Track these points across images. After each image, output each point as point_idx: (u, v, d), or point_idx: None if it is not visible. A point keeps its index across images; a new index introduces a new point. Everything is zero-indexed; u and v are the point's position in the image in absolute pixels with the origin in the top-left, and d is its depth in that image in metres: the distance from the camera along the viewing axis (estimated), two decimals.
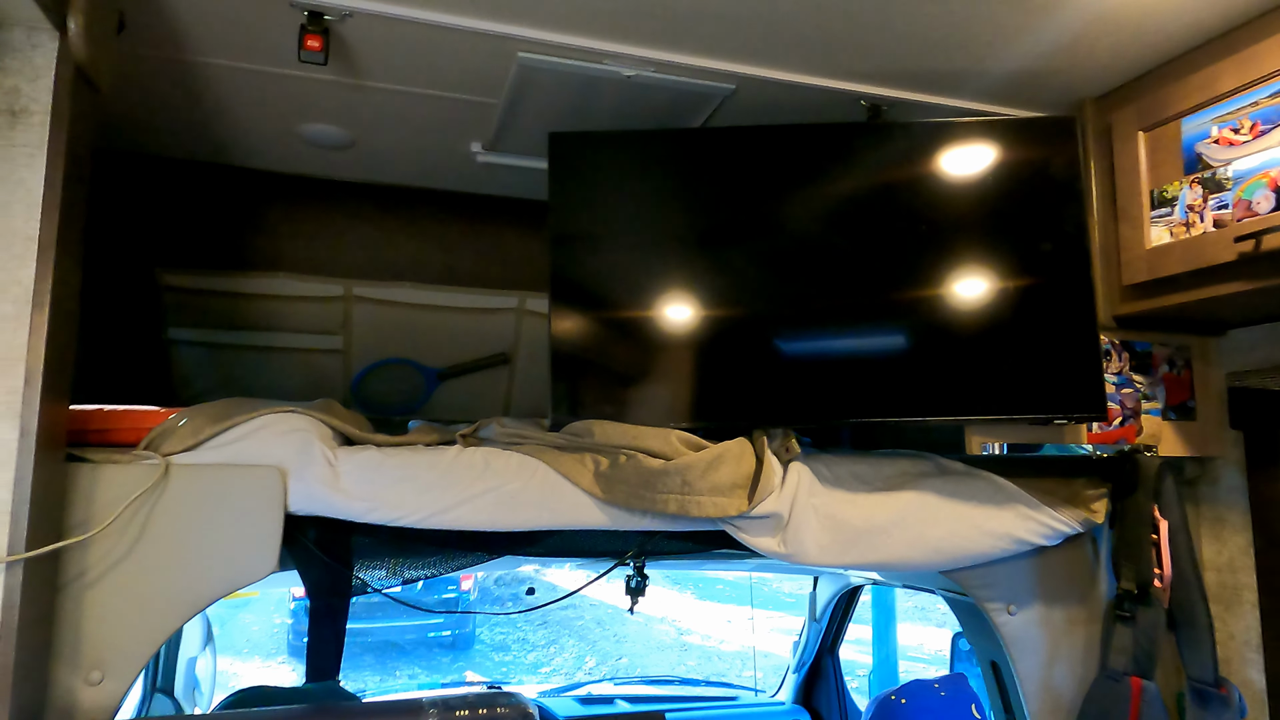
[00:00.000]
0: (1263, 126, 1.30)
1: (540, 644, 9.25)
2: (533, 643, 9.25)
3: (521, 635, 9.47)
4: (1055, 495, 1.55)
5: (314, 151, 1.92)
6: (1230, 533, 1.64)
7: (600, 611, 10.30)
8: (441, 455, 1.33)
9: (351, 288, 2.26)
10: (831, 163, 1.51)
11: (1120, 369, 1.58)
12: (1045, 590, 1.59)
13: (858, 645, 7.49)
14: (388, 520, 1.26)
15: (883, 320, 1.48)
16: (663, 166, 1.55)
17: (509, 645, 9.18)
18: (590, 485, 1.35)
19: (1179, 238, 1.42)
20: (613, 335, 1.48)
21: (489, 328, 2.42)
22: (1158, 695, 1.46)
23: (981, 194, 1.49)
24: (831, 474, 1.46)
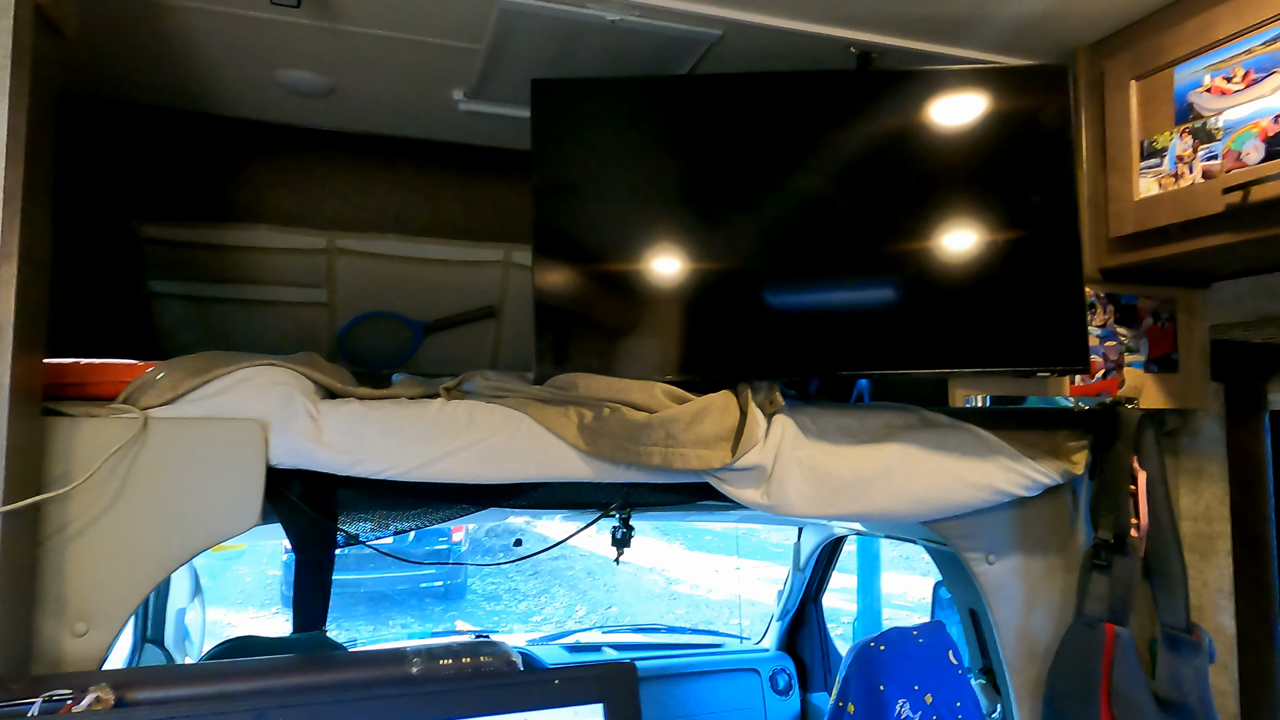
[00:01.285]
0: (1256, 75, 1.28)
1: (531, 594, 9.40)
2: (524, 592, 9.39)
3: (513, 585, 9.62)
4: (1037, 447, 1.56)
5: (293, 99, 1.87)
6: (1208, 483, 1.66)
7: (590, 562, 10.45)
8: (425, 408, 1.33)
9: (334, 240, 2.23)
10: (819, 112, 1.49)
11: (1105, 322, 1.58)
12: (1024, 540, 1.62)
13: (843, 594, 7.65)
14: (371, 473, 1.26)
15: (869, 272, 1.47)
16: (648, 115, 1.52)
17: (500, 595, 9.33)
18: (575, 438, 1.35)
19: (1168, 189, 1.41)
20: (598, 288, 1.47)
21: (475, 281, 2.40)
22: (1131, 641, 1.49)
23: (970, 144, 1.47)
24: (816, 427, 1.47)
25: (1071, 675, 1.53)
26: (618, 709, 0.97)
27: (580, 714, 0.97)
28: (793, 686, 2.55)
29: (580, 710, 0.96)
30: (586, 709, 0.97)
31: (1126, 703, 1.47)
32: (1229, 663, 1.61)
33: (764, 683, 2.51)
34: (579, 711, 0.96)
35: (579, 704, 0.96)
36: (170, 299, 2.27)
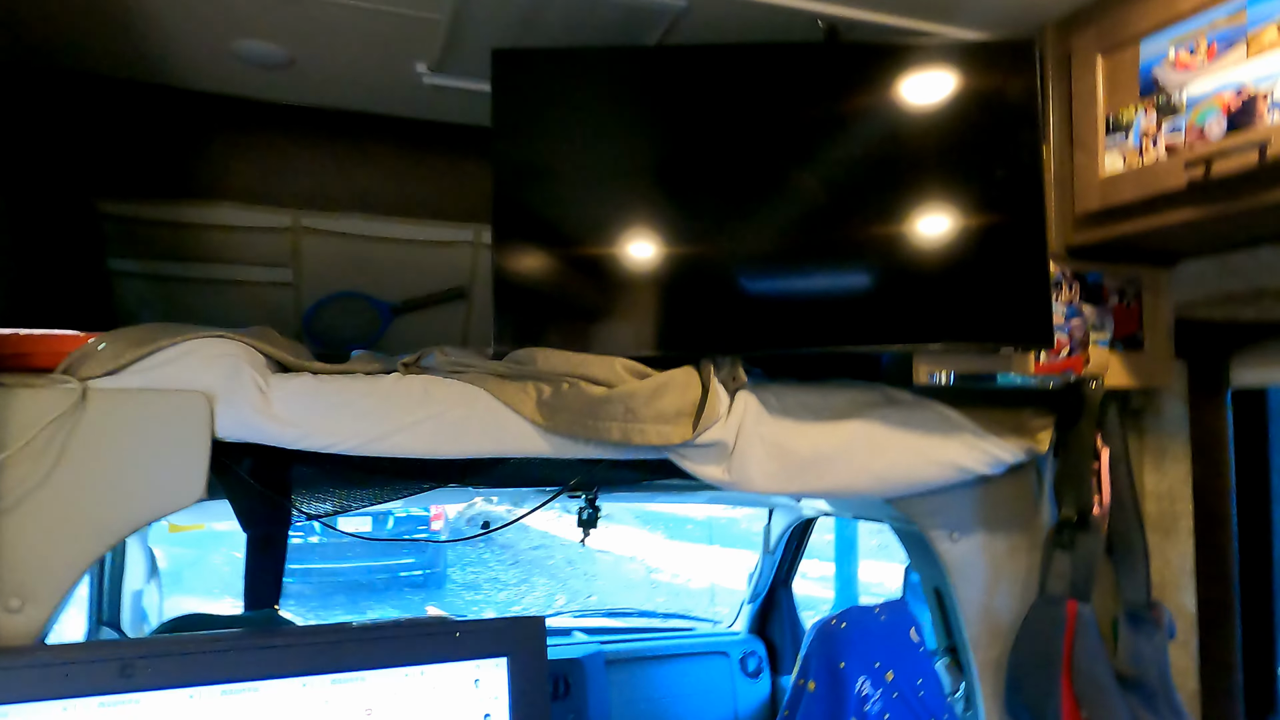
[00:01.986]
0: (1219, 48, 1.27)
1: (511, 583, 9.38)
2: (504, 581, 9.37)
3: (493, 575, 9.60)
4: (1002, 425, 1.56)
5: (252, 71, 1.83)
6: (1171, 462, 1.66)
7: (571, 551, 10.44)
8: (379, 382, 1.30)
9: (300, 218, 2.19)
10: (787, 83, 1.47)
11: (1071, 299, 1.58)
12: (988, 518, 1.62)
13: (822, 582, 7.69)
14: (321, 447, 1.23)
15: (833, 246, 1.46)
16: (613, 87, 1.50)
17: (480, 585, 9.30)
18: (532, 413, 1.33)
19: (1132, 165, 1.40)
20: (559, 264, 1.45)
21: (445, 261, 2.37)
22: (1093, 618, 1.49)
23: (937, 119, 1.46)
24: (779, 403, 1.46)
25: (1033, 653, 1.53)
26: (523, 662, 0.95)
27: (483, 668, 0.95)
28: (763, 669, 2.55)
29: (483, 664, 0.94)
30: (490, 662, 0.95)
31: (1087, 680, 1.47)
32: (1190, 640, 1.61)
33: (734, 666, 2.51)
34: (481, 665, 0.94)
35: (482, 657, 0.94)
36: (131, 278, 2.22)
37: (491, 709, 0.94)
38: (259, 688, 0.93)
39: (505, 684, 0.96)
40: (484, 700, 0.95)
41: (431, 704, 0.94)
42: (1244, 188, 1.23)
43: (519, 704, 0.94)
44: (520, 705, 0.94)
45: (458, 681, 0.95)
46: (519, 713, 0.94)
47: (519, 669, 0.96)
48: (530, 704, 0.93)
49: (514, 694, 0.96)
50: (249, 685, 0.92)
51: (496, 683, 0.96)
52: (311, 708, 0.92)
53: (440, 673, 0.94)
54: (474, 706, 0.95)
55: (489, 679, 0.95)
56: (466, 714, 0.94)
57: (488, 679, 0.95)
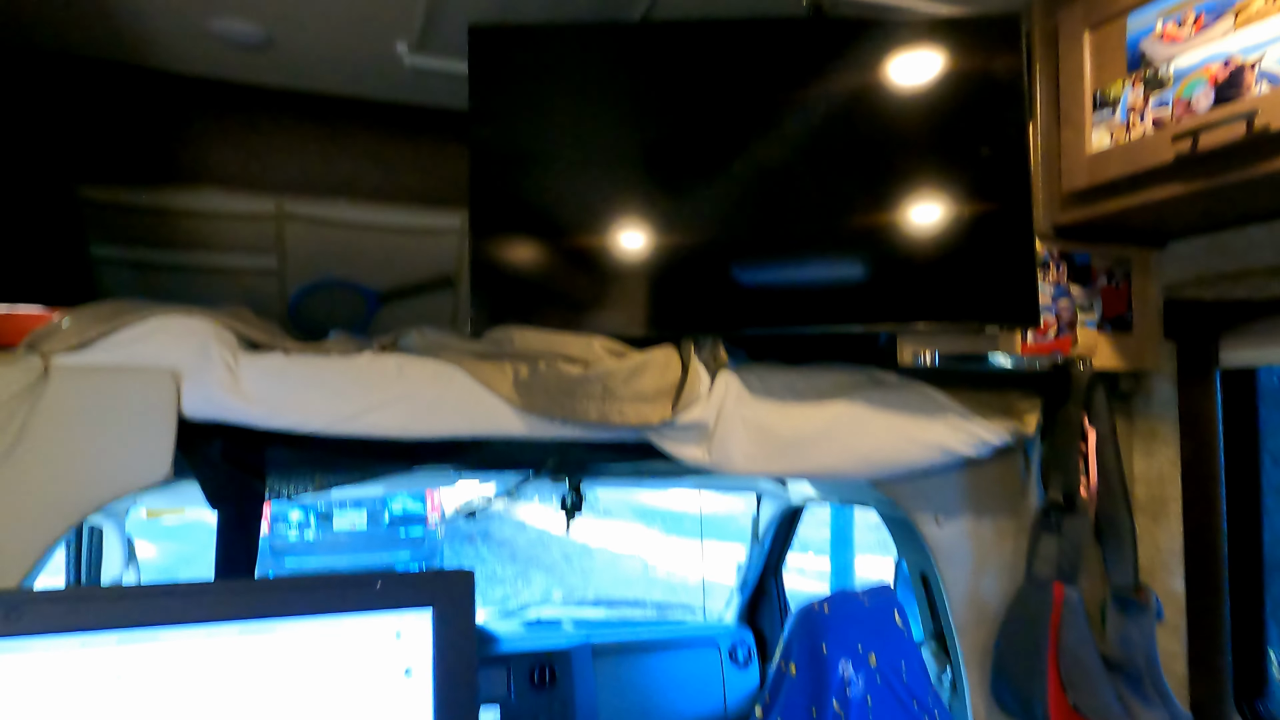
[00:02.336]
0: (1206, 19, 1.25)
1: (508, 578, 9.36)
2: (501, 577, 9.35)
3: (490, 571, 9.58)
4: (988, 407, 1.54)
5: (230, 52, 1.81)
6: (1161, 445, 1.64)
7: (569, 547, 10.42)
8: (352, 361, 1.28)
9: (284, 204, 2.17)
10: (773, 58, 1.45)
11: (1058, 280, 1.56)
12: (974, 502, 1.59)
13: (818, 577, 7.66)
14: (291, 426, 1.21)
15: (819, 225, 1.43)
16: (594, 65, 1.47)
17: (476, 581, 9.28)
18: (509, 393, 1.31)
19: (1119, 141, 1.38)
20: (537, 245, 1.43)
21: (432, 248, 2.35)
22: (1079, 601, 1.47)
23: (923, 96, 1.44)
24: (763, 385, 1.44)
25: (1019, 637, 1.51)
26: (449, 615, 0.93)
27: (406, 619, 0.92)
28: (752, 659, 2.52)
29: (406, 615, 0.92)
30: (413, 614, 0.92)
31: (1074, 663, 1.45)
32: (1178, 624, 1.59)
33: (723, 655, 2.49)
34: (404, 617, 0.92)
35: (405, 608, 0.92)
36: (113, 264, 2.20)
37: (413, 662, 0.92)
38: (159, 636, 0.89)
39: (429, 637, 0.93)
40: (406, 653, 0.93)
41: (348, 656, 0.92)
42: (1231, 160, 1.21)
43: (443, 657, 0.92)
44: (445, 659, 0.92)
45: (378, 633, 0.92)
46: (443, 666, 0.92)
47: (444, 622, 0.93)
48: (456, 658, 0.90)
49: (438, 647, 0.93)
50: (148, 634, 0.89)
51: (420, 635, 0.93)
52: (217, 658, 0.89)
53: (358, 624, 0.91)
54: (395, 659, 0.92)
55: (412, 631, 0.93)
56: (386, 667, 0.92)
57: (410, 631, 0.93)
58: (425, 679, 0.93)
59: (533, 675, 2.18)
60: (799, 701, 1.41)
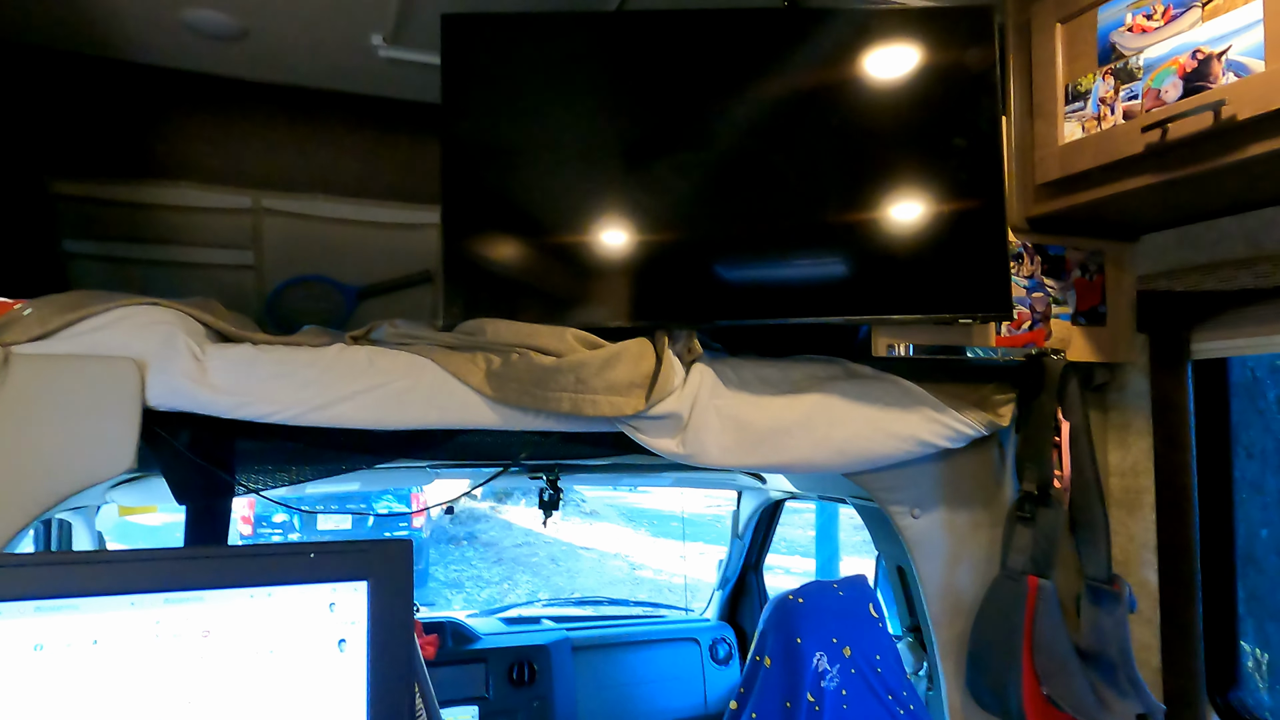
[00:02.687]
0: (1174, 10, 1.26)
1: (494, 580, 9.33)
2: (487, 579, 9.32)
3: (476, 573, 9.54)
4: (963, 399, 1.54)
5: (205, 43, 1.79)
6: (1135, 437, 1.65)
7: (555, 548, 10.40)
8: (322, 352, 1.27)
9: (260, 199, 2.16)
10: (751, 50, 1.44)
11: (1032, 272, 1.56)
12: (950, 494, 1.60)
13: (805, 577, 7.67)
14: (259, 416, 1.20)
15: (794, 217, 1.43)
16: (567, 54, 1.46)
17: (463, 583, 9.24)
18: (480, 384, 1.30)
19: (1090, 132, 1.39)
20: (511, 240, 1.42)
21: (411, 244, 2.33)
22: (1053, 592, 1.48)
23: (899, 87, 1.44)
24: (736, 376, 1.43)
25: (995, 629, 1.51)
26: (385, 586, 0.91)
27: (340, 591, 0.91)
28: (733, 656, 2.52)
29: (340, 587, 0.91)
30: (348, 585, 0.91)
31: (1048, 655, 1.45)
32: (1152, 615, 1.60)
33: (703, 652, 2.48)
34: (338, 588, 0.91)
35: (339, 580, 0.90)
36: (87, 260, 2.17)
37: (348, 634, 0.90)
38: (79, 605, 0.86)
39: (364, 609, 0.92)
40: (339, 625, 0.91)
41: (279, 627, 0.90)
42: (1200, 150, 1.22)
43: (378, 630, 0.90)
44: (380, 631, 0.90)
45: (310, 605, 0.91)
46: (378, 639, 0.90)
47: (380, 593, 0.91)
48: (392, 630, 0.89)
49: (373, 619, 0.91)
50: (67, 603, 0.86)
51: (354, 607, 0.92)
52: (140, 628, 0.87)
53: (290, 595, 0.89)
54: (328, 631, 0.91)
55: (346, 603, 0.91)
56: (319, 638, 0.90)
57: (345, 603, 0.91)
58: (359, 652, 0.91)
59: (511, 672, 2.17)
60: (774, 694, 1.41)
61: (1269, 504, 1.82)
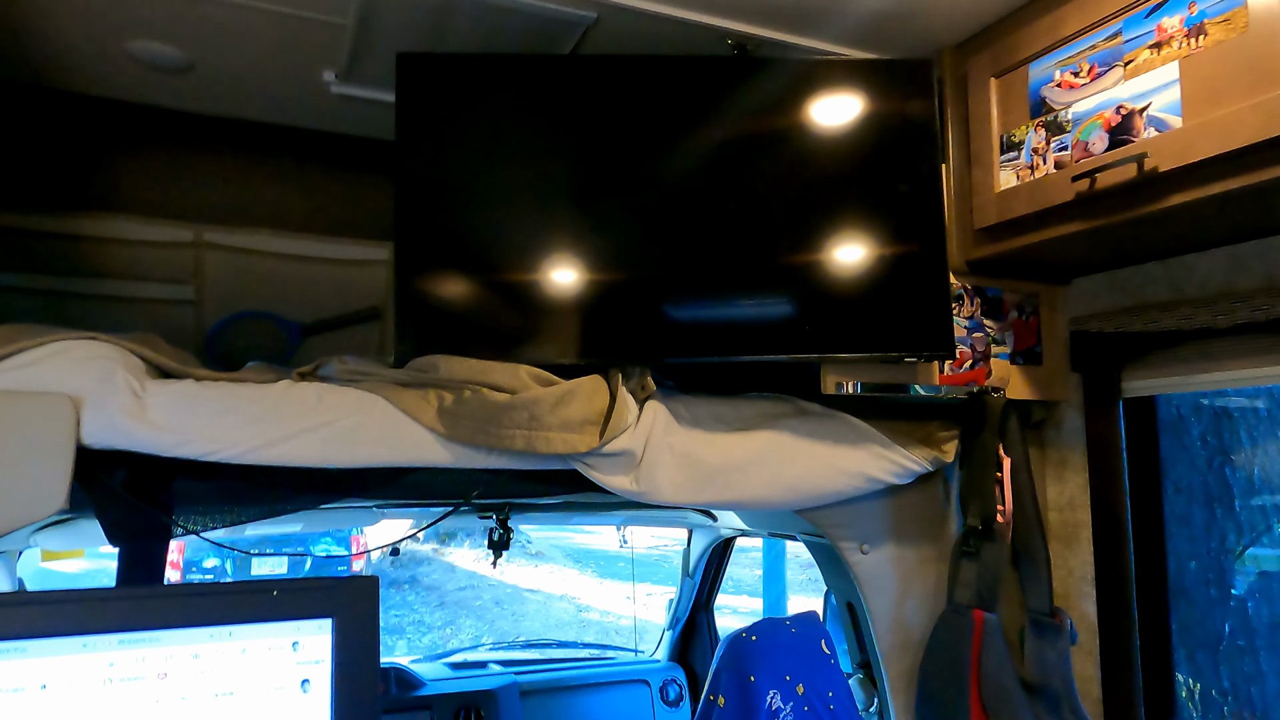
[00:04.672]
0: (1099, 69, 1.33)
1: (437, 625, 9.08)
2: (429, 624, 9.07)
3: (418, 618, 9.28)
4: (909, 436, 1.58)
5: (148, 75, 1.76)
6: (1071, 473, 1.70)
7: (499, 591, 10.19)
8: (268, 389, 1.24)
9: (202, 233, 2.11)
10: (700, 98, 1.49)
11: (972, 313, 1.62)
12: (897, 530, 1.62)
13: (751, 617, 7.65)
14: (202, 455, 1.16)
15: (743, 259, 1.46)
16: (521, 95, 1.48)
17: (404, 628, 8.98)
18: (433, 421, 1.28)
19: (1025, 180, 1.45)
20: (463, 278, 1.42)
21: (358, 280, 2.31)
22: (998, 626, 1.51)
23: (843, 136, 1.49)
24: (690, 414, 1.44)
25: (942, 663, 1.53)
26: (351, 624, 0.89)
27: (304, 629, 0.88)
28: (683, 697, 2.49)
29: (304, 625, 0.88)
30: (312, 624, 0.88)
31: (995, 688, 1.47)
32: (1093, 648, 1.64)
33: (654, 694, 2.45)
34: (302, 626, 0.88)
35: (303, 618, 0.88)
36: (18, 293, 2.09)
37: (312, 674, 0.87)
38: (27, 647, 0.82)
39: (329, 648, 0.89)
40: (303, 665, 0.88)
41: (240, 668, 0.87)
42: (1125, 199, 1.29)
43: (343, 669, 0.87)
44: (345, 671, 0.87)
45: (273, 644, 0.88)
46: (343, 679, 0.87)
47: (345, 632, 0.89)
48: (358, 669, 0.86)
49: (338, 659, 0.89)
50: (14, 645, 0.81)
51: (319, 646, 0.89)
52: (92, 672, 0.82)
53: (252, 634, 0.86)
54: (291, 672, 0.88)
55: (310, 643, 0.88)
56: (282, 679, 0.87)
57: (309, 643, 0.88)
58: (324, 693, 0.88)
59: (458, 718, 2.11)
60: None
61: (1196, 537, 1.90)
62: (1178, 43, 1.22)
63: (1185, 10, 1.21)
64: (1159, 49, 1.25)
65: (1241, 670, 1.88)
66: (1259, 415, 1.91)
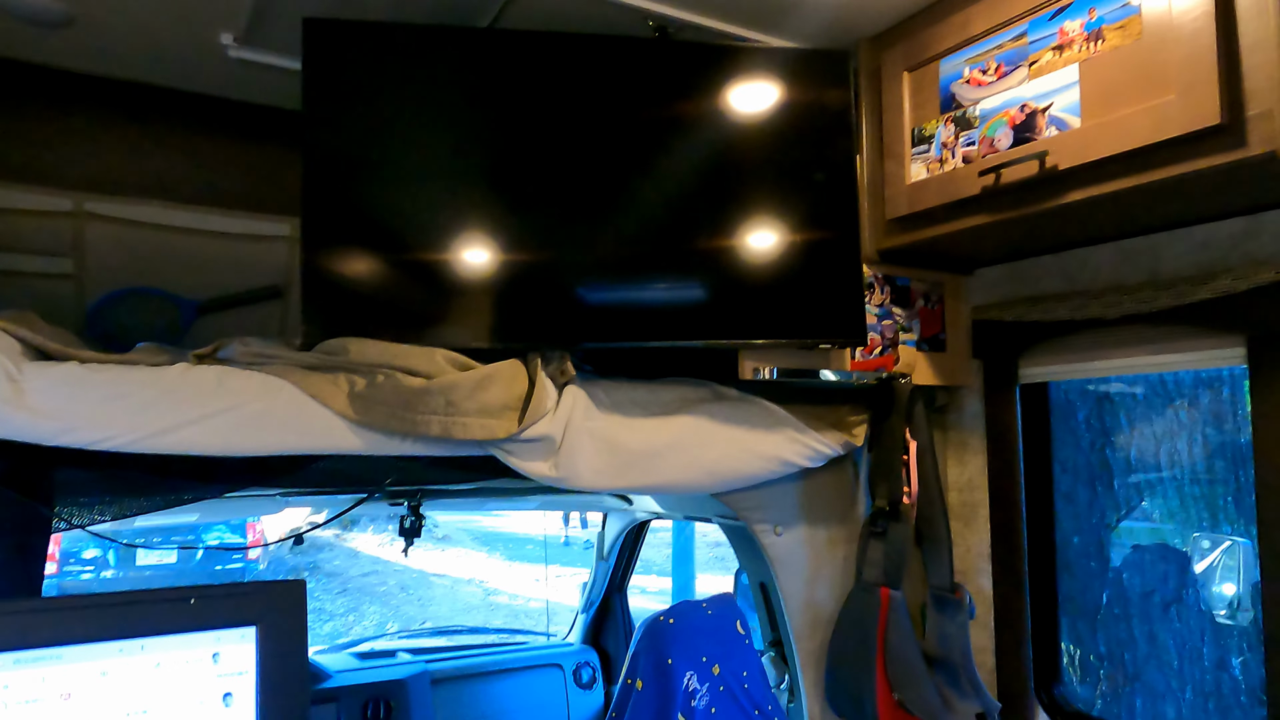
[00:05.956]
0: (1005, 68, 1.39)
1: (339, 613, 8.83)
2: (330, 612, 8.81)
3: (318, 605, 8.99)
4: (822, 420, 1.61)
5: (22, 29, 1.62)
6: (971, 455, 1.79)
7: (405, 576, 9.99)
8: (162, 372, 1.16)
9: (83, 203, 1.96)
10: (619, 77, 1.47)
11: (882, 301, 1.67)
12: (809, 511, 1.67)
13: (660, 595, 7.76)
14: (89, 443, 1.08)
15: (661, 245, 1.46)
16: (436, 68, 1.43)
17: None
18: (343, 407, 1.23)
19: (934, 174, 1.50)
20: (374, 258, 1.37)
21: (258, 257, 2.19)
22: (903, 603, 1.57)
23: (761, 123, 1.51)
24: (609, 399, 1.44)
25: (850, 639, 1.59)
26: (277, 632, 0.85)
27: (225, 639, 0.84)
28: (597, 679, 2.51)
29: (225, 635, 0.84)
30: (234, 633, 0.84)
31: (899, 662, 1.53)
32: (988, 621, 1.73)
33: (567, 677, 2.46)
34: (223, 636, 0.84)
35: (224, 627, 0.84)
36: None
37: (234, 687, 0.82)
38: None
39: (253, 658, 0.84)
40: (225, 678, 0.84)
41: (154, 684, 0.82)
42: (1027, 195, 1.35)
43: (270, 680, 0.83)
44: (271, 682, 0.83)
45: (190, 656, 0.83)
46: (269, 690, 0.83)
47: (271, 640, 0.84)
48: (285, 680, 0.82)
49: (263, 669, 0.84)
50: None
51: (242, 657, 0.84)
52: None
53: (167, 646, 0.81)
54: (211, 686, 0.83)
55: (232, 653, 0.84)
56: (201, 693, 0.82)
57: (231, 653, 0.84)
58: (248, 705, 0.83)
59: (366, 710, 2.05)
60: (646, 716, 1.41)
61: (1080, 514, 2.03)
62: (1078, 46, 1.28)
63: (1086, 15, 1.27)
64: (1061, 51, 1.30)
65: (1116, 636, 2.03)
66: (1137, 400, 2.05)
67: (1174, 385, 1.98)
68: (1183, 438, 1.98)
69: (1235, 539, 1.97)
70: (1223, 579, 1.97)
